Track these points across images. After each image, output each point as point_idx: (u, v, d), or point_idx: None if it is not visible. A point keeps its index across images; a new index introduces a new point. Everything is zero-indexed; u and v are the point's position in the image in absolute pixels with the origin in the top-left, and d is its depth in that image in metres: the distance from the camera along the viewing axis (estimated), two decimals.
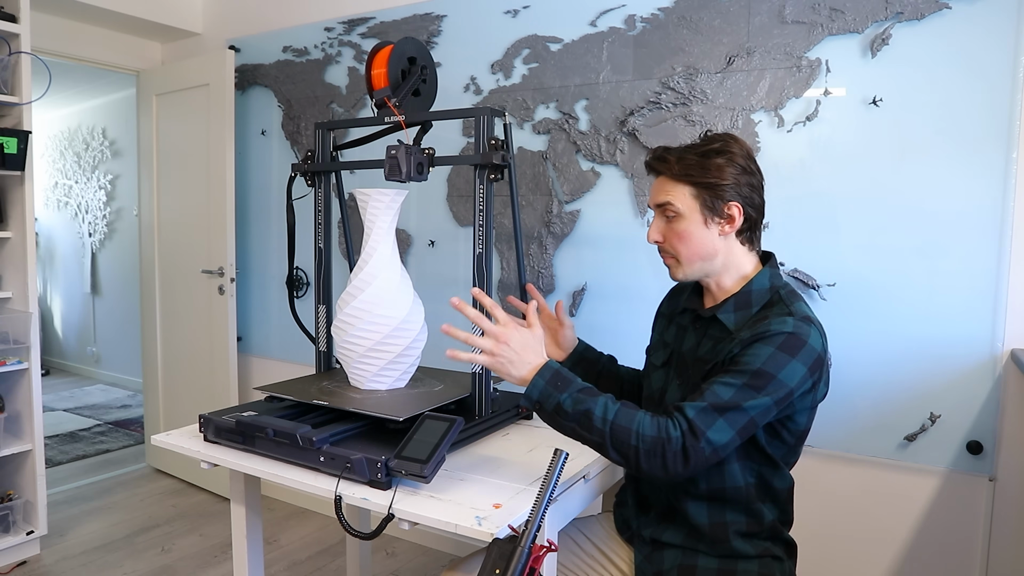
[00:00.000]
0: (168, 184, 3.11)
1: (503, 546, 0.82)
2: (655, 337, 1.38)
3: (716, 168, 1.14)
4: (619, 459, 1.06)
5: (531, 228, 2.20)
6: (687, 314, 1.29)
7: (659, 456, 1.03)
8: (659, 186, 1.20)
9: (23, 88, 2.27)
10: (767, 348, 1.07)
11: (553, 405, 1.09)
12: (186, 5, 3.05)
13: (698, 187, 1.15)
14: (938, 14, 1.61)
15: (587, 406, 1.07)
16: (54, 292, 5.62)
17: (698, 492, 1.17)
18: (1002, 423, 1.62)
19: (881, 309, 1.71)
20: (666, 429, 1.04)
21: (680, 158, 1.16)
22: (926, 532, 1.72)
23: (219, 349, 2.89)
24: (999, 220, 1.58)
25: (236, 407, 1.46)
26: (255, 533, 1.50)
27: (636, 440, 1.04)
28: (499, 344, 1.12)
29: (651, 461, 1.04)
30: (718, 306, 1.20)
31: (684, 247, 1.18)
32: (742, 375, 1.06)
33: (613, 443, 1.05)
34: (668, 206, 1.17)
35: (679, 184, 1.16)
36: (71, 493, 3.05)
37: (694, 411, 1.05)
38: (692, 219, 1.16)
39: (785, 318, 1.09)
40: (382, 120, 1.50)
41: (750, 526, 1.17)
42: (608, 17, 2.04)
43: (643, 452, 1.03)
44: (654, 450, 1.03)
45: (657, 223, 1.21)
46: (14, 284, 2.38)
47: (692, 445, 1.03)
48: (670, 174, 1.17)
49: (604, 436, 1.05)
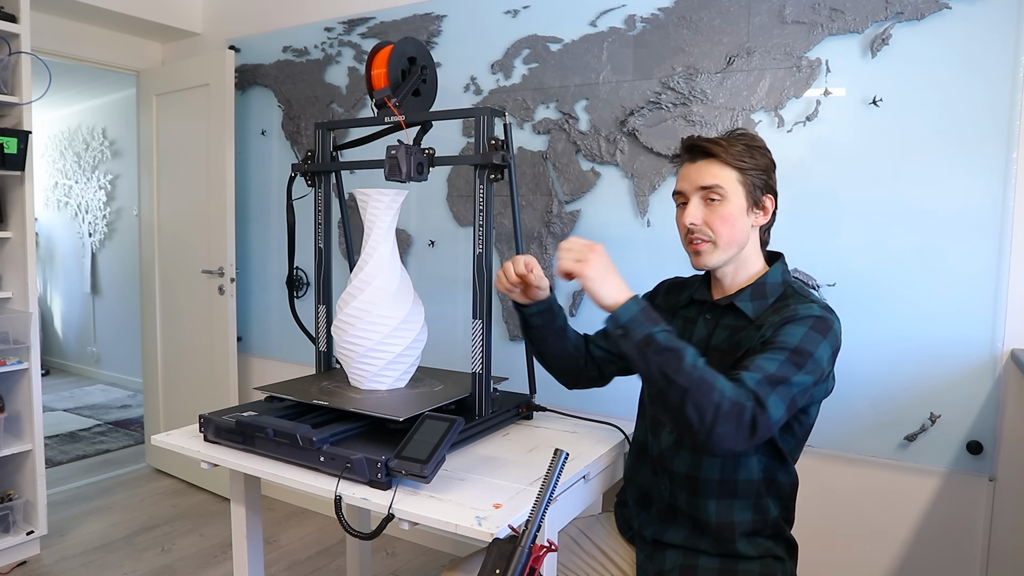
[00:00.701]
0: (168, 184, 3.11)
1: (503, 546, 0.82)
2: None
3: (761, 158, 1.19)
4: (694, 414, 0.99)
5: (531, 228, 2.20)
6: (694, 307, 1.29)
7: (733, 421, 0.98)
8: (704, 169, 1.19)
9: (23, 88, 2.27)
10: (800, 328, 1.08)
11: (643, 335, 1.03)
12: (186, 5, 3.05)
13: (746, 174, 1.17)
14: (938, 14, 1.61)
15: (679, 346, 1.03)
16: (54, 292, 5.62)
17: (710, 484, 1.17)
18: (1002, 423, 1.62)
19: (881, 309, 1.71)
20: (743, 395, 1.00)
21: (730, 143, 1.18)
22: (926, 532, 1.72)
23: (219, 349, 2.88)
24: (999, 220, 1.58)
25: (236, 407, 1.46)
26: (255, 533, 1.50)
27: (719, 397, 0.98)
28: (591, 253, 1.10)
29: (726, 424, 0.98)
30: (734, 295, 1.21)
31: (727, 230, 1.18)
32: (782, 351, 1.05)
33: (695, 393, 0.99)
34: (715, 188, 1.17)
35: (728, 168, 1.17)
36: (71, 493, 3.05)
37: (753, 381, 1.01)
38: (737, 204, 1.18)
39: (810, 304, 1.12)
40: (382, 120, 1.50)
41: (756, 524, 1.17)
42: (608, 17, 2.04)
43: (722, 412, 0.98)
44: (732, 412, 0.98)
45: (695, 206, 1.19)
46: (14, 284, 2.38)
47: (759, 415, 1.00)
48: (724, 156, 1.17)
49: (690, 382, 0.99)
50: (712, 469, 1.17)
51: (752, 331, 1.16)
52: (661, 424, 1.26)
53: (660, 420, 1.26)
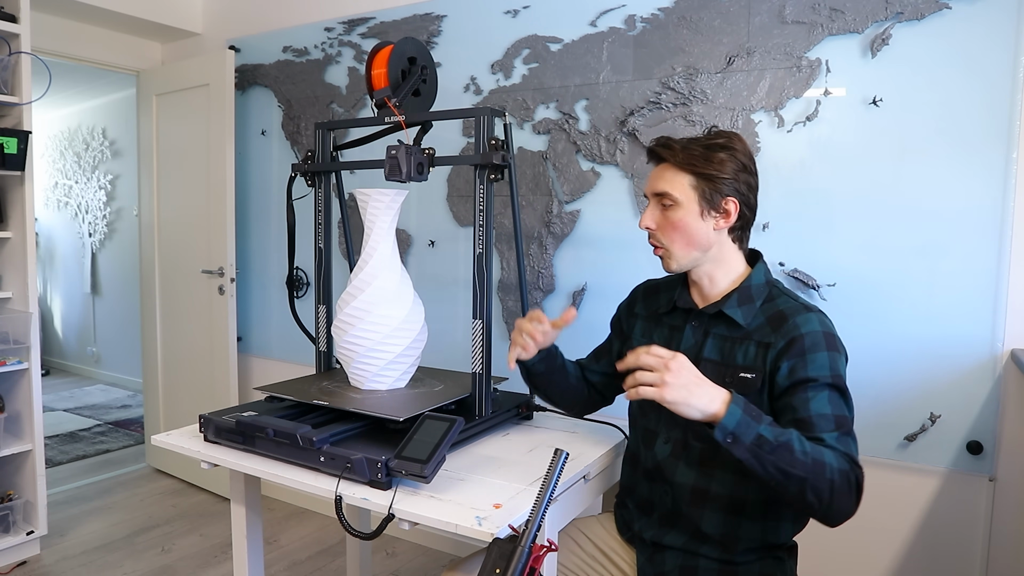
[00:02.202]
0: (168, 184, 3.11)
1: (503, 546, 0.82)
2: (640, 340, 1.32)
3: (718, 161, 1.14)
4: (813, 499, 0.98)
5: (531, 228, 2.20)
6: (678, 314, 1.26)
7: (846, 492, 0.98)
8: (659, 174, 1.18)
9: (23, 88, 2.27)
10: (822, 354, 1.08)
11: (753, 436, 0.97)
12: (186, 5, 3.05)
13: (699, 178, 1.15)
14: (938, 14, 1.61)
15: (787, 436, 0.98)
16: (54, 292, 5.62)
17: (719, 498, 1.15)
18: (1002, 423, 1.63)
19: (881, 309, 1.71)
20: (843, 461, 0.99)
21: (684, 147, 1.16)
22: (926, 532, 1.72)
23: (219, 349, 2.88)
24: (999, 220, 1.59)
25: (236, 407, 1.46)
26: (255, 533, 1.50)
27: (831, 474, 0.97)
28: (668, 373, 0.99)
29: (841, 498, 0.98)
30: (721, 302, 1.19)
31: (678, 236, 1.17)
32: (824, 388, 1.06)
33: (812, 480, 0.96)
34: (666, 195, 1.16)
35: (680, 173, 1.16)
36: (71, 493, 3.05)
37: (834, 439, 1.02)
38: (689, 209, 1.15)
39: (807, 315, 1.11)
40: (382, 120, 1.50)
41: (763, 541, 1.16)
42: (608, 17, 2.04)
43: (836, 488, 0.97)
44: (843, 484, 0.98)
45: (652, 211, 1.19)
46: (14, 284, 2.38)
47: (858, 473, 1.00)
48: (673, 161, 1.16)
49: (806, 470, 0.96)
50: (725, 485, 1.15)
51: (748, 344, 1.14)
52: (654, 434, 1.24)
53: (654, 430, 1.24)
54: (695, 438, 1.17)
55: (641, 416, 1.29)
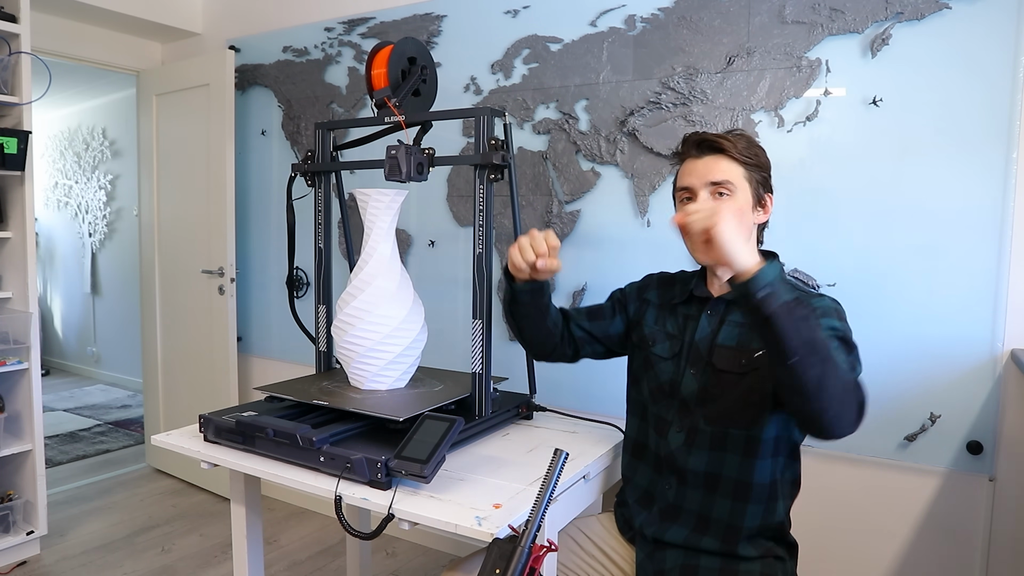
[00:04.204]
0: (168, 184, 3.11)
1: (503, 546, 0.82)
2: (652, 328, 1.33)
3: (763, 157, 1.21)
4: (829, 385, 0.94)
5: (531, 228, 2.19)
6: (694, 303, 1.28)
7: (853, 399, 0.97)
8: (712, 164, 1.18)
9: (23, 88, 2.27)
10: (832, 318, 1.11)
11: (790, 295, 0.95)
12: (186, 5, 3.05)
13: (752, 171, 1.19)
14: (938, 14, 1.61)
15: (816, 318, 0.99)
16: (54, 292, 5.62)
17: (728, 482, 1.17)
18: (1002, 423, 1.62)
19: (881, 309, 1.71)
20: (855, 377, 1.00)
21: (737, 139, 1.19)
22: (926, 532, 1.72)
23: (219, 349, 2.88)
24: (999, 220, 1.58)
25: (236, 407, 1.46)
26: (255, 533, 1.50)
27: (844, 373, 0.96)
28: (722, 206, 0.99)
29: (849, 402, 0.97)
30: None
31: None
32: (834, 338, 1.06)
33: (832, 367, 0.94)
34: (726, 183, 1.17)
35: (736, 164, 1.18)
36: (71, 493, 3.05)
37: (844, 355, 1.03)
38: (745, 199, 1.18)
39: (820, 298, 1.16)
40: (382, 120, 1.50)
41: (762, 529, 1.18)
42: (608, 17, 2.04)
43: (847, 386, 0.96)
44: (853, 389, 0.98)
45: (706, 201, 1.17)
46: (14, 284, 2.38)
47: (863, 395, 0.99)
48: (733, 152, 1.18)
49: (829, 352, 0.94)
50: (732, 467, 1.17)
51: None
52: (668, 423, 1.25)
53: (666, 419, 1.25)
54: (706, 422, 1.19)
55: (653, 403, 1.29)
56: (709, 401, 1.19)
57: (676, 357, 1.27)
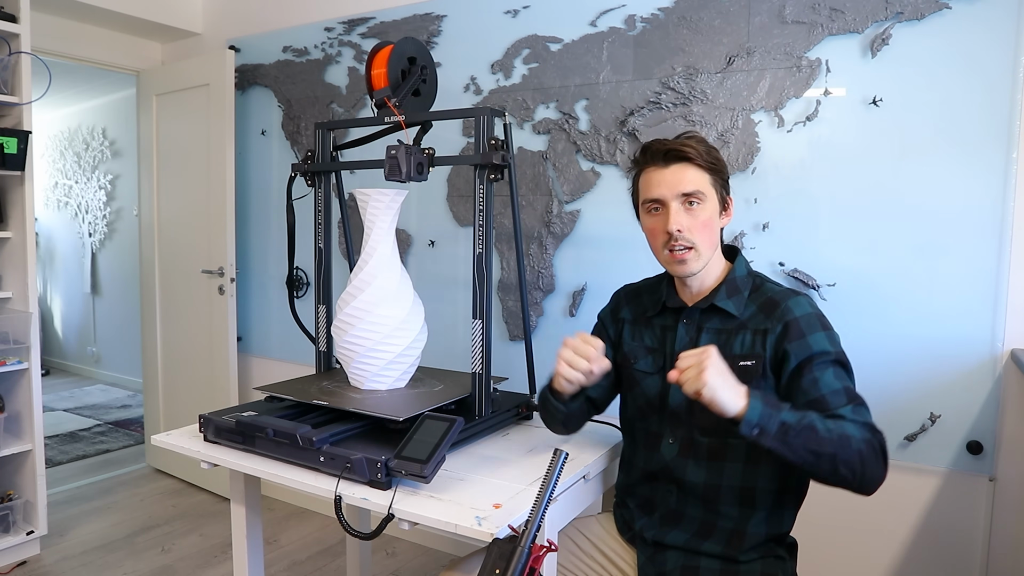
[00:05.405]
0: (168, 184, 3.11)
1: (503, 546, 0.82)
2: (630, 344, 1.31)
3: (723, 159, 1.20)
4: (847, 472, 1.00)
5: (531, 228, 2.20)
6: (669, 313, 1.26)
7: (873, 459, 1.01)
8: (680, 174, 1.15)
9: (23, 88, 2.27)
10: (819, 334, 1.11)
11: (777, 425, 0.99)
12: (186, 5, 3.05)
13: (716, 176, 1.18)
14: (938, 14, 1.61)
15: (808, 418, 1.00)
16: (54, 292, 5.62)
17: (731, 491, 1.16)
18: (1002, 423, 1.62)
19: (881, 309, 1.71)
20: (864, 430, 1.02)
21: (698, 145, 1.17)
22: (926, 532, 1.72)
23: (219, 349, 2.88)
24: (999, 220, 1.58)
25: (236, 407, 1.46)
26: (255, 533, 1.50)
27: (857, 444, 0.99)
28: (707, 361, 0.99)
29: (871, 466, 1.00)
30: (711, 296, 1.20)
31: (707, 235, 1.17)
32: (828, 365, 1.08)
33: (842, 453, 0.98)
34: (696, 193, 1.15)
35: (703, 172, 1.17)
36: (71, 493, 3.05)
37: (851, 411, 1.04)
38: (713, 208, 1.18)
39: (796, 299, 1.15)
40: (382, 120, 1.50)
41: (767, 537, 1.17)
42: (608, 17, 2.04)
43: (865, 458, 0.99)
44: (869, 452, 1.00)
45: (678, 213, 1.16)
46: (14, 284, 2.38)
47: (880, 439, 1.03)
48: (699, 160, 1.16)
49: (833, 446, 0.98)
50: (734, 476, 1.16)
51: (744, 334, 1.15)
52: (657, 436, 1.24)
53: (655, 432, 1.24)
54: (701, 434, 1.18)
55: (640, 420, 1.28)
56: (701, 412, 1.14)
57: (661, 371, 1.24)
